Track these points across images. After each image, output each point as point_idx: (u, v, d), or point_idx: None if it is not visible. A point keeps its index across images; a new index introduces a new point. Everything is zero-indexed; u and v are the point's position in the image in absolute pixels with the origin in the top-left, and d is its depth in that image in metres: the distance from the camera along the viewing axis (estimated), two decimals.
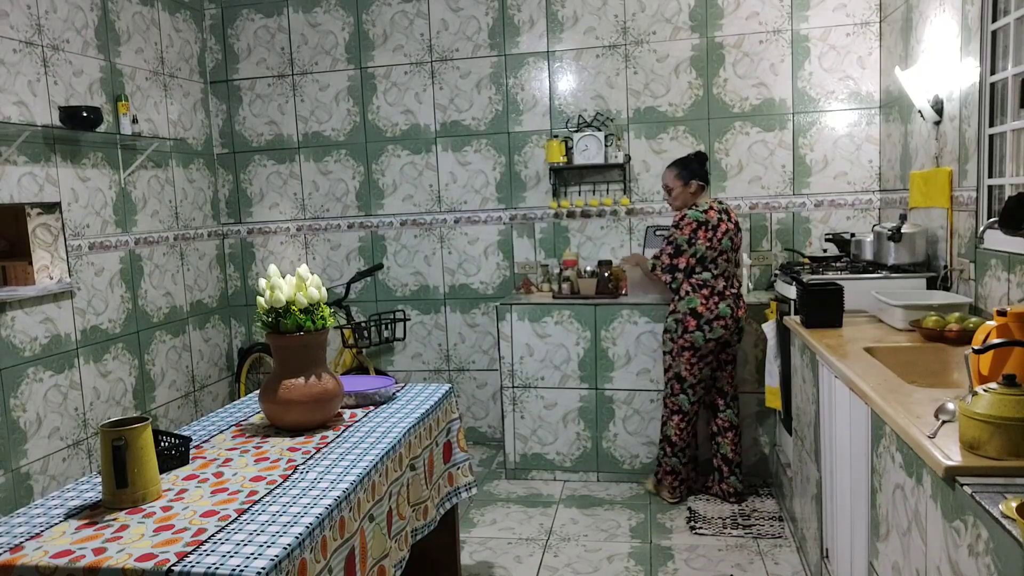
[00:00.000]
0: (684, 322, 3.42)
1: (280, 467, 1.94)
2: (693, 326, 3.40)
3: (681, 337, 3.44)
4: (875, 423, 1.91)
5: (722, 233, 3.40)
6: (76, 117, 3.42)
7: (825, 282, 2.83)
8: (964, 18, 2.76)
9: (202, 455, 2.07)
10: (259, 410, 2.50)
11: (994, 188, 2.61)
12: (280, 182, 4.70)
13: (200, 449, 2.12)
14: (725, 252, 3.42)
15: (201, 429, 2.33)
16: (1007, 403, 1.38)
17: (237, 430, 2.29)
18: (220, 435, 2.25)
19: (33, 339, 3.31)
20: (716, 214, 3.42)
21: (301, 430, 2.23)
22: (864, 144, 3.99)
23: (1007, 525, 1.16)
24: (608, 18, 4.18)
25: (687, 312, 3.41)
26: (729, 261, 3.47)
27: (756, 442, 3.83)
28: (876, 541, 1.95)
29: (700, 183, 3.50)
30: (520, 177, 4.39)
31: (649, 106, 4.19)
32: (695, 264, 3.41)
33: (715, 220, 3.40)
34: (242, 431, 2.27)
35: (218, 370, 4.72)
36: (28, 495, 3.25)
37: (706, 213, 3.40)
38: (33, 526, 1.64)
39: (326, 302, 2.30)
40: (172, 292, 4.28)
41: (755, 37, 4.04)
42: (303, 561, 1.53)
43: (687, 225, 3.39)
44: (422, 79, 4.44)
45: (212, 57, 4.68)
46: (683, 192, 3.50)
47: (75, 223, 3.56)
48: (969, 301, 2.64)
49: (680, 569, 3.04)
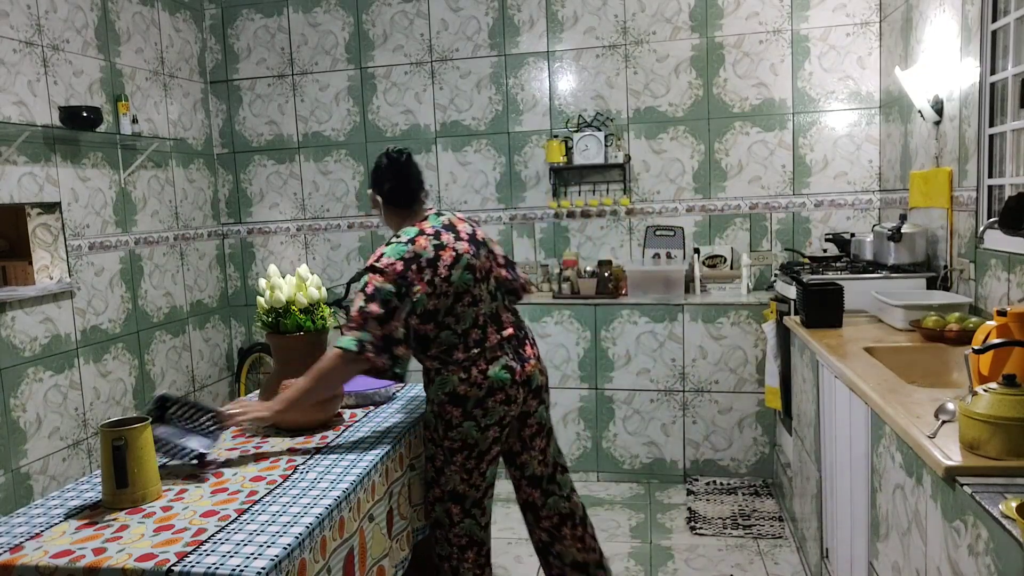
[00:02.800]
0: (443, 414, 2.19)
1: (280, 467, 1.94)
2: (459, 416, 2.17)
3: (446, 437, 2.20)
4: (875, 423, 1.91)
5: (448, 264, 2.15)
6: (76, 117, 3.42)
7: (825, 282, 2.83)
8: (964, 18, 2.76)
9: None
10: None
11: (994, 188, 2.61)
12: (280, 182, 4.70)
13: None
14: (468, 289, 2.19)
15: None
16: (1007, 403, 1.38)
17: (237, 430, 2.29)
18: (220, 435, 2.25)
19: (33, 339, 3.31)
20: (429, 239, 2.17)
21: (301, 430, 2.23)
22: (864, 144, 3.98)
23: (1007, 525, 1.16)
24: (608, 18, 4.18)
25: (444, 400, 2.18)
26: (483, 299, 2.23)
27: (756, 442, 3.83)
28: (876, 541, 1.95)
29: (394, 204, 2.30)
30: (520, 177, 4.39)
31: (649, 106, 4.19)
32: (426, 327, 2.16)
33: (430, 250, 2.15)
34: (242, 431, 2.27)
35: (218, 370, 4.72)
36: (28, 495, 3.25)
37: (414, 242, 2.15)
38: (33, 526, 1.64)
39: (326, 302, 2.31)
40: (172, 292, 4.28)
41: (755, 37, 4.04)
42: (303, 561, 1.53)
43: (388, 268, 2.09)
44: (422, 79, 4.44)
45: (212, 57, 4.68)
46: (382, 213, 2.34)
47: (75, 223, 3.56)
48: (969, 301, 2.64)
49: (680, 569, 3.04)
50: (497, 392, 2.18)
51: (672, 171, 4.19)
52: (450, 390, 2.16)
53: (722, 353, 3.81)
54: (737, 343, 3.78)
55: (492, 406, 2.17)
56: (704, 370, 3.84)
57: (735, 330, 3.78)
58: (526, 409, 2.30)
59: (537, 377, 2.30)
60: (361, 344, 2.02)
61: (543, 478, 2.40)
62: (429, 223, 2.23)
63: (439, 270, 2.13)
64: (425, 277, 2.11)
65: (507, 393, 2.19)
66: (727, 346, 3.80)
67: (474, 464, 2.21)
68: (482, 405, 2.17)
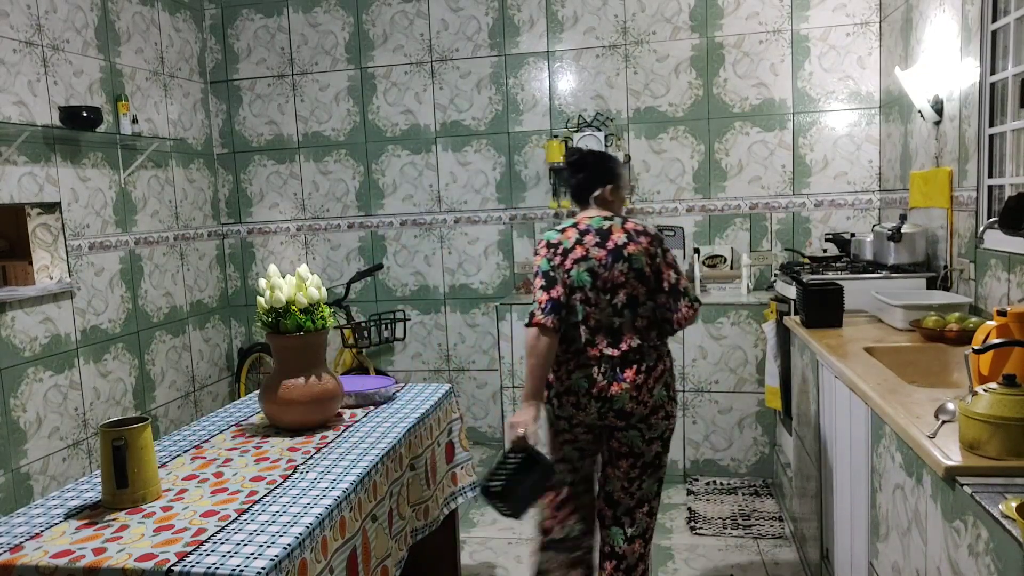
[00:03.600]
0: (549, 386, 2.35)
1: (280, 467, 1.94)
2: (546, 397, 2.33)
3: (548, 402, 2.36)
4: (875, 423, 1.91)
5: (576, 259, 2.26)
6: (76, 117, 3.42)
7: (825, 282, 2.83)
8: (964, 18, 2.76)
9: (202, 455, 2.07)
10: (259, 410, 2.50)
11: (994, 188, 2.61)
12: (280, 182, 4.70)
13: (200, 449, 2.12)
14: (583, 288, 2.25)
15: (201, 429, 2.33)
16: (1007, 403, 1.38)
17: (237, 430, 2.29)
18: (220, 435, 2.25)
19: (33, 339, 3.31)
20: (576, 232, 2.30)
21: (301, 430, 2.23)
22: (864, 144, 3.98)
23: (1007, 525, 1.16)
24: (608, 18, 4.18)
25: None
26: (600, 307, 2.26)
27: (756, 442, 3.83)
28: (876, 541, 1.95)
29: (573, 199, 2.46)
30: (520, 177, 4.39)
31: (649, 106, 4.19)
32: None
33: (571, 241, 2.29)
34: (242, 431, 2.27)
35: (218, 370, 4.72)
36: (28, 495, 3.25)
37: (563, 232, 2.32)
38: (33, 526, 1.64)
39: (326, 302, 2.30)
40: (172, 292, 4.28)
41: (755, 37, 4.04)
42: (303, 561, 1.53)
43: (540, 248, 2.33)
44: (422, 79, 4.44)
45: (212, 57, 4.68)
46: None
47: (75, 223, 3.56)
48: (969, 301, 2.64)
49: (680, 569, 3.03)
50: (571, 394, 2.28)
51: (672, 171, 4.19)
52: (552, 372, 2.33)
53: (722, 353, 3.81)
54: (737, 343, 3.79)
55: (564, 403, 2.30)
56: (704, 370, 3.84)
57: (735, 330, 3.78)
58: (609, 424, 2.30)
59: (625, 401, 2.24)
60: (531, 315, 2.22)
61: (620, 504, 2.36)
62: (588, 221, 2.33)
63: (566, 262, 2.27)
64: (557, 261, 2.27)
65: (579, 399, 2.27)
66: (727, 346, 3.80)
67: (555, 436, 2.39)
68: (559, 398, 2.31)
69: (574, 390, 2.26)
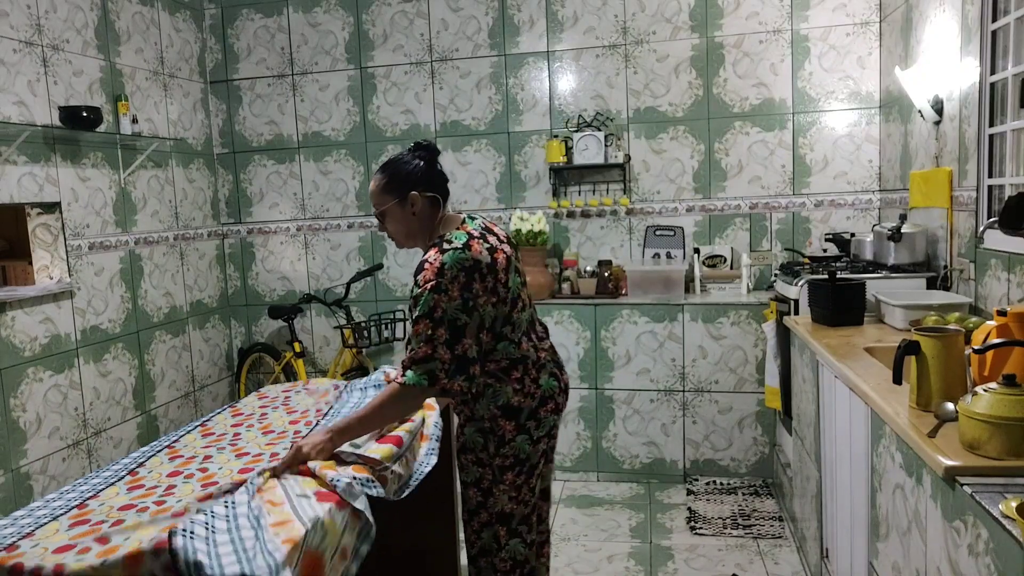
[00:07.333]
0: (495, 430, 2.01)
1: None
2: (512, 430, 2.01)
3: (497, 455, 2.02)
4: (875, 423, 1.91)
5: (504, 268, 1.99)
6: (76, 117, 3.41)
7: (850, 279, 2.83)
8: (964, 18, 2.76)
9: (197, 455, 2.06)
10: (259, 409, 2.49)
11: (994, 188, 2.61)
12: (280, 182, 4.70)
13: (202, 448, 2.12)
14: (519, 295, 2.06)
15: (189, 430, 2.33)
16: (1007, 403, 1.38)
17: (204, 430, 2.28)
18: (188, 435, 2.25)
19: (33, 339, 3.31)
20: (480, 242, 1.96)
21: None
22: (864, 144, 3.98)
23: (1007, 525, 1.16)
24: (608, 18, 4.18)
25: (497, 414, 2.00)
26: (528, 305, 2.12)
27: (756, 442, 3.83)
28: (876, 541, 1.95)
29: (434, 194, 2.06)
30: (520, 177, 4.39)
31: (649, 106, 4.19)
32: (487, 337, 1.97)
33: (486, 254, 1.95)
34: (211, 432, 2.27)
35: (218, 370, 4.72)
36: (28, 495, 3.25)
37: (469, 247, 1.92)
38: (33, 523, 1.64)
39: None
40: (172, 292, 4.28)
41: (755, 37, 4.04)
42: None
43: (452, 279, 1.87)
44: (422, 79, 4.44)
45: (212, 57, 4.68)
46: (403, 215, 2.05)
47: (75, 223, 3.56)
48: (969, 301, 2.64)
49: (680, 569, 3.04)
50: (548, 401, 2.05)
51: (672, 171, 4.19)
52: (504, 402, 1.99)
53: (722, 353, 3.81)
54: (737, 343, 3.79)
55: (544, 416, 2.04)
56: (704, 370, 3.84)
57: (735, 330, 3.78)
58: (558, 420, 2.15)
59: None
60: (432, 376, 1.85)
61: (549, 489, 2.27)
62: (468, 225, 2.03)
63: (499, 275, 1.96)
64: (488, 285, 1.93)
65: (556, 402, 2.08)
66: (727, 346, 3.80)
67: (523, 480, 2.03)
68: (535, 416, 2.02)
69: (549, 395, 2.05)
